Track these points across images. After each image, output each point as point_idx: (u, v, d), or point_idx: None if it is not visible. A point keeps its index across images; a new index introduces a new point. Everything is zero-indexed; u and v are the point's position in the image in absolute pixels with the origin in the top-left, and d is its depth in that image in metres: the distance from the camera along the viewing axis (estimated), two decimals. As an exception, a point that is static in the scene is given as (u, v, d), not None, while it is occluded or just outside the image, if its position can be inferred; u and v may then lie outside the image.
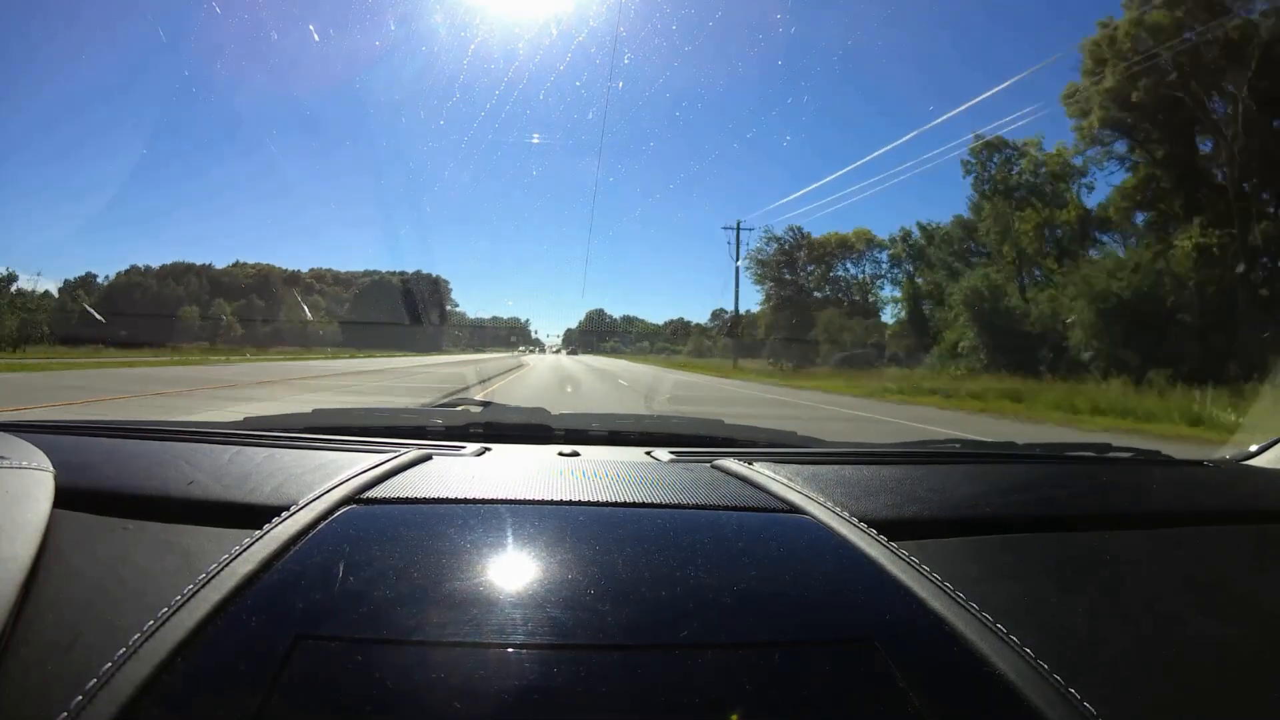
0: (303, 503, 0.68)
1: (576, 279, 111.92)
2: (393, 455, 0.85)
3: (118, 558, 0.62)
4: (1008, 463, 1.21)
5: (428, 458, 0.88)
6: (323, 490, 0.71)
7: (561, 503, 0.73)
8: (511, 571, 0.60)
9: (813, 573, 0.63)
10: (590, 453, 1.08)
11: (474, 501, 0.72)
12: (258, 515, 0.65)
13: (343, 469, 0.79)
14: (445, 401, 3.88)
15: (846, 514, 0.72)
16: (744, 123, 58.97)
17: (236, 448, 0.91)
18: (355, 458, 0.86)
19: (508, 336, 75.02)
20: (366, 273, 60.53)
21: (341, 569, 0.57)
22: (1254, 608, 0.69)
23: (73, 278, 48.81)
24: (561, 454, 1.05)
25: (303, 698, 0.46)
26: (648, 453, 1.07)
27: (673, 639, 0.52)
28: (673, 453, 1.06)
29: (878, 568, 0.62)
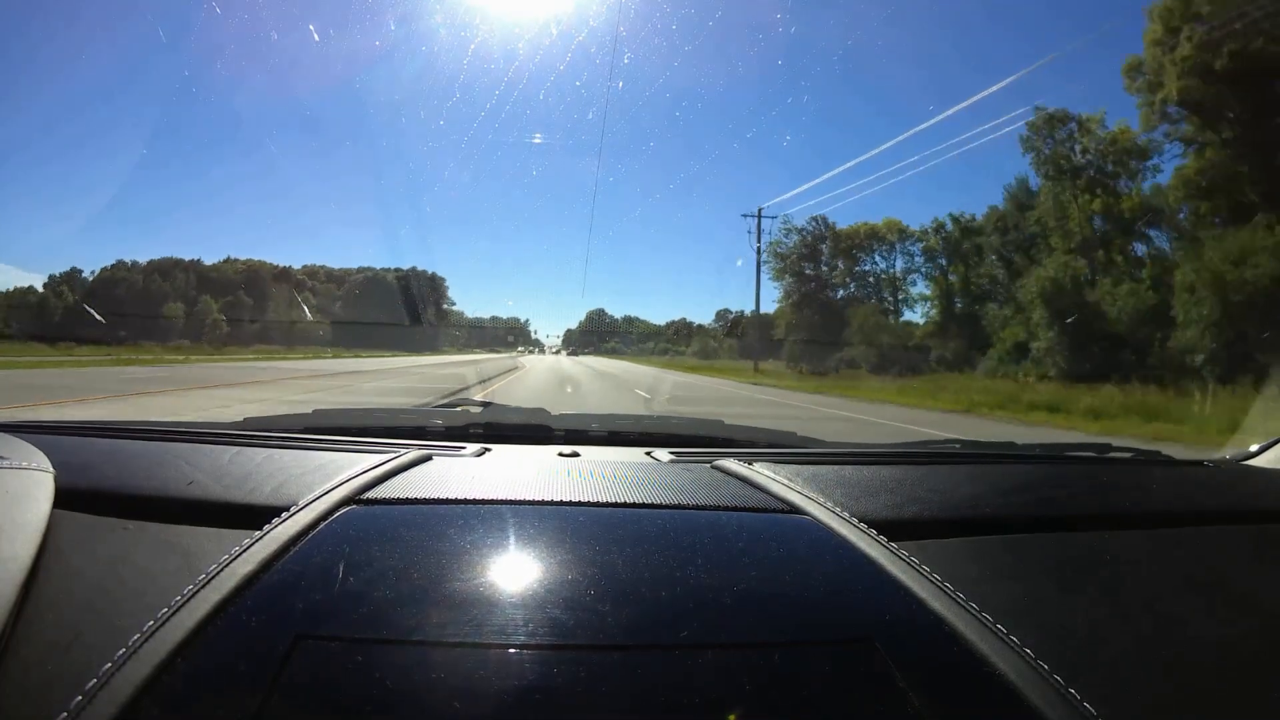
0: (303, 503, 0.68)
1: (577, 279, 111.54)
2: (393, 456, 0.85)
3: (118, 558, 0.62)
4: (1008, 463, 1.21)
5: (428, 458, 0.88)
6: (323, 491, 0.71)
7: (562, 503, 0.73)
8: (512, 572, 0.60)
9: (813, 573, 0.63)
10: (590, 453, 1.08)
11: (474, 502, 0.72)
12: (258, 516, 0.65)
13: (343, 469, 0.79)
14: (445, 402, 3.88)
15: (846, 514, 0.72)
16: (744, 122, 59.00)
17: (236, 448, 0.92)
18: (355, 458, 0.86)
19: (506, 336, 74.66)
20: (361, 269, 58.79)
21: (341, 569, 0.57)
22: (1254, 608, 0.69)
23: (58, 273, 47.40)
24: (561, 454, 1.05)
25: (303, 698, 0.46)
26: (648, 453, 1.07)
27: (673, 639, 0.52)
28: (673, 453, 1.06)
29: (878, 568, 0.62)
